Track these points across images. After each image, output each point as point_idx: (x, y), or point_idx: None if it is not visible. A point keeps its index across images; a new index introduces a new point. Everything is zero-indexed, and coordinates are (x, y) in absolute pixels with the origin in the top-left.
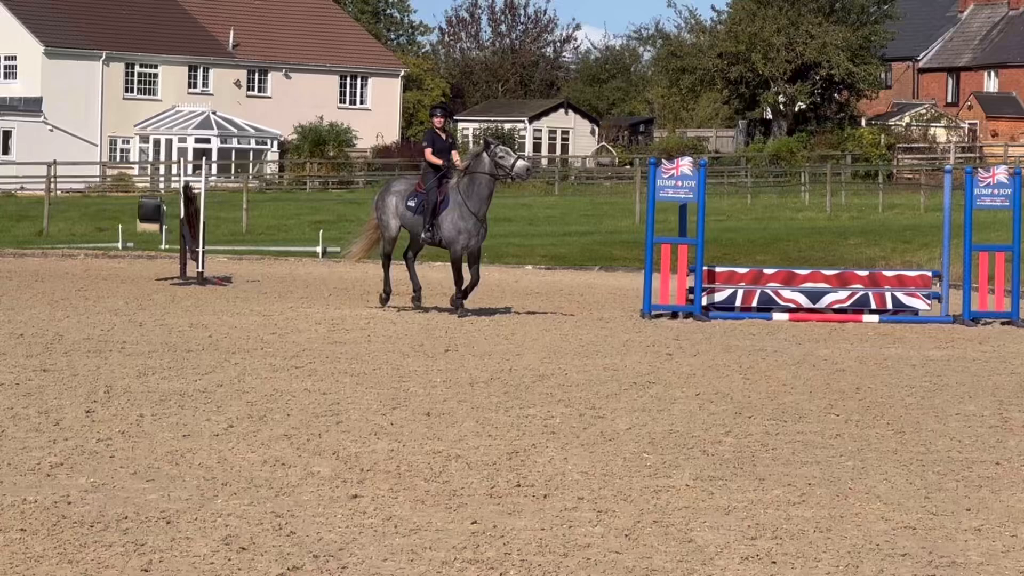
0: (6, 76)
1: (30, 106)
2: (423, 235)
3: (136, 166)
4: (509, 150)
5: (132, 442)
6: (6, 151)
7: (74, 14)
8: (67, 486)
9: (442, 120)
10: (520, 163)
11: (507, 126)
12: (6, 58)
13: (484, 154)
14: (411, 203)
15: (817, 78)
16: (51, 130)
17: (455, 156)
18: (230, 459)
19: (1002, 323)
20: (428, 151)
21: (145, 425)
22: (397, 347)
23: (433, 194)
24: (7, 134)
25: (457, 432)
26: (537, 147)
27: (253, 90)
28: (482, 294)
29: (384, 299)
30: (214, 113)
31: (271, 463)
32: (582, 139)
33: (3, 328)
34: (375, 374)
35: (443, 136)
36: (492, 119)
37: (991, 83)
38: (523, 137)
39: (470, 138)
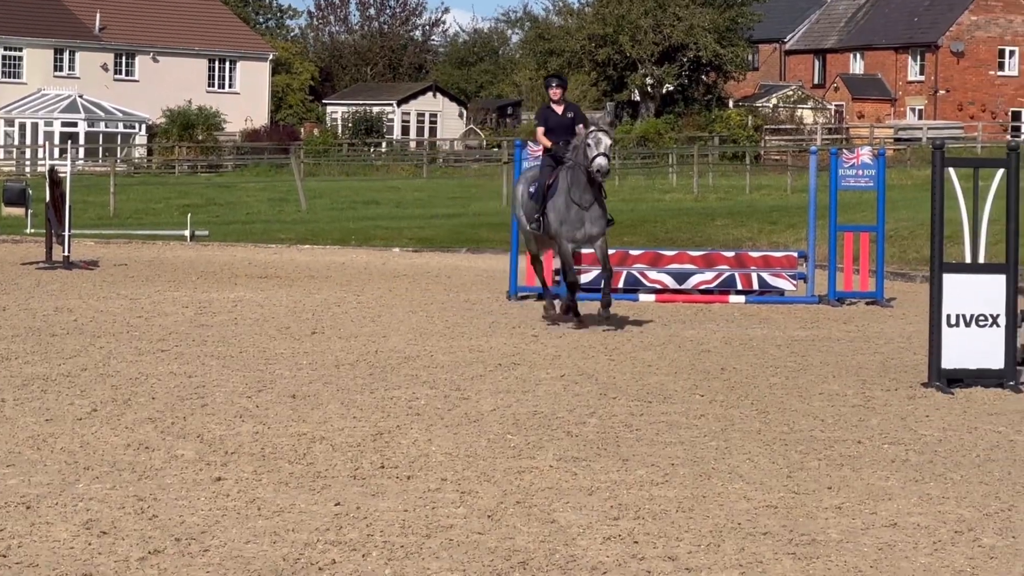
0: None
1: None
2: (530, 224)
3: (1, 150)
4: (603, 138)
5: None
6: None
7: None
8: None
9: (558, 92)
10: (598, 160)
11: (375, 109)
12: None
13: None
14: (531, 189)
15: (684, 60)
16: None
17: (580, 132)
18: (93, 443)
19: (866, 303)
20: (540, 131)
21: (7, 410)
22: (264, 330)
23: (544, 179)
24: None
25: (322, 414)
26: (406, 130)
27: (120, 74)
28: (350, 275)
29: (549, 309)
30: (81, 97)
31: (134, 446)
32: (450, 122)
33: None
34: (241, 356)
35: (559, 111)
36: (361, 103)
37: (857, 65)
38: (392, 120)
39: (339, 121)
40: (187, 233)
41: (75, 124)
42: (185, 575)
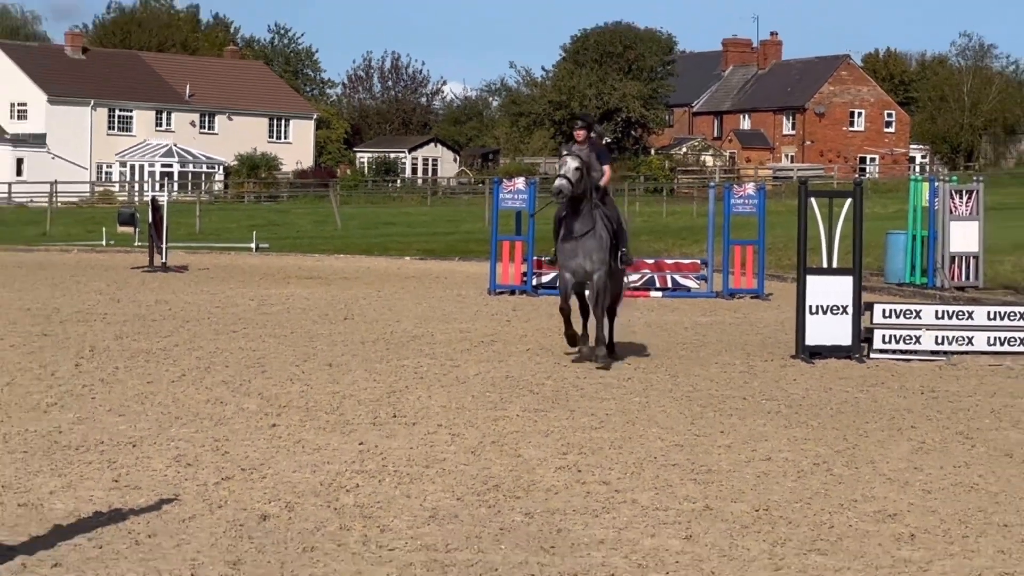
0: (19, 118)
1: (37, 140)
2: (549, 256)
3: (117, 184)
4: (568, 161)
5: (109, 387)
6: (19, 173)
7: (70, 71)
8: (59, 420)
9: (582, 133)
10: (556, 181)
11: (392, 155)
12: (19, 104)
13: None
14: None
15: (619, 119)
16: (53, 158)
17: (606, 171)
18: (182, 399)
19: (751, 297)
20: None
21: (119, 375)
22: (308, 316)
23: (559, 212)
24: (20, 161)
25: (351, 378)
26: (414, 170)
27: (204, 128)
28: (373, 277)
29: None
30: (175, 145)
31: (212, 401)
32: (447, 165)
33: (14, 304)
34: (292, 336)
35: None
36: (382, 150)
37: (745, 123)
38: (404, 163)
39: (365, 164)
40: (253, 246)
41: (171, 165)
42: (248, 495)
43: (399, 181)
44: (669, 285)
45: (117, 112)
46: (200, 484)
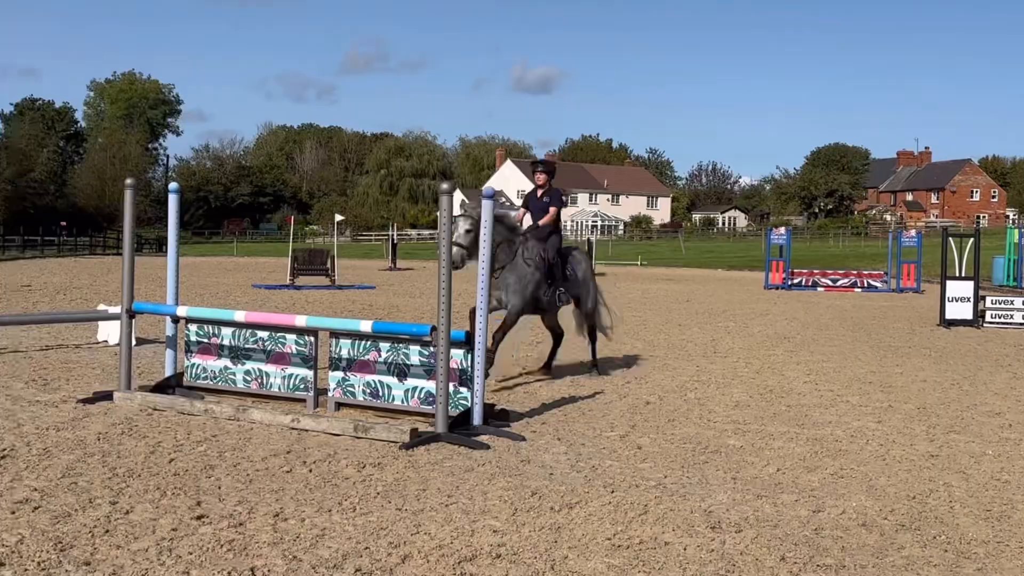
0: None
1: None
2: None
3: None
4: (459, 223)
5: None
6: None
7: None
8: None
9: (543, 177)
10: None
11: (712, 215)
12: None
13: None
14: None
15: (836, 196)
16: None
17: (551, 212)
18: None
19: (913, 292)
20: (519, 212)
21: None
22: (667, 300)
23: None
24: None
25: (690, 333)
26: (723, 223)
27: (615, 203)
28: (700, 280)
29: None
30: (600, 211)
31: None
32: (741, 220)
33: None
34: (660, 309)
35: (538, 195)
36: (705, 212)
37: (909, 196)
38: (718, 220)
39: (697, 221)
40: (638, 262)
41: (597, 222)
42: (641, 392)
43: (715, 230)
44: (866, 285)
45: (568, 195)
46: (613, 384)
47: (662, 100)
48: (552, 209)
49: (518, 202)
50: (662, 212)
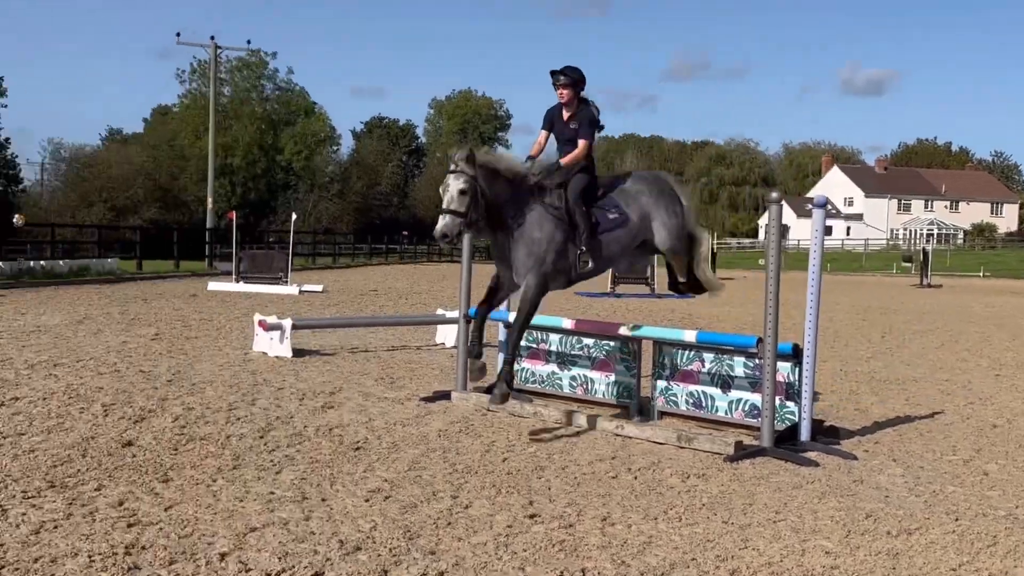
0: (848, 205)
1: (856, 217)
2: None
3: (901, 240)
4: (450, 182)
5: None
6: (847, 234)
7: (877, 179)
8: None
9: (567, 92)
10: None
11: None
12: (846, 198)
13: None
14: None
15: None
16: (866, 226)
17: (580, 146)
18: (943, 358)
19: None
20: (542, 135)
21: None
22: (1009, 313)
23: None
24: (847, 229)
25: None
26: None
27: (954, 209)
28: None
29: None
30: (936, 218)
31: (959, 359)
32: None
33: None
34: (990, 322)
35: (564, 117)
36: None
37: None
38: None
39: None
40: (981, 274)
41: (933, 229)
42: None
43: None
44: None
45: (901, 201)
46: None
47: (1009, 99)
48: (582, 142)
49: (845, 210)
50: (1008, 219)
